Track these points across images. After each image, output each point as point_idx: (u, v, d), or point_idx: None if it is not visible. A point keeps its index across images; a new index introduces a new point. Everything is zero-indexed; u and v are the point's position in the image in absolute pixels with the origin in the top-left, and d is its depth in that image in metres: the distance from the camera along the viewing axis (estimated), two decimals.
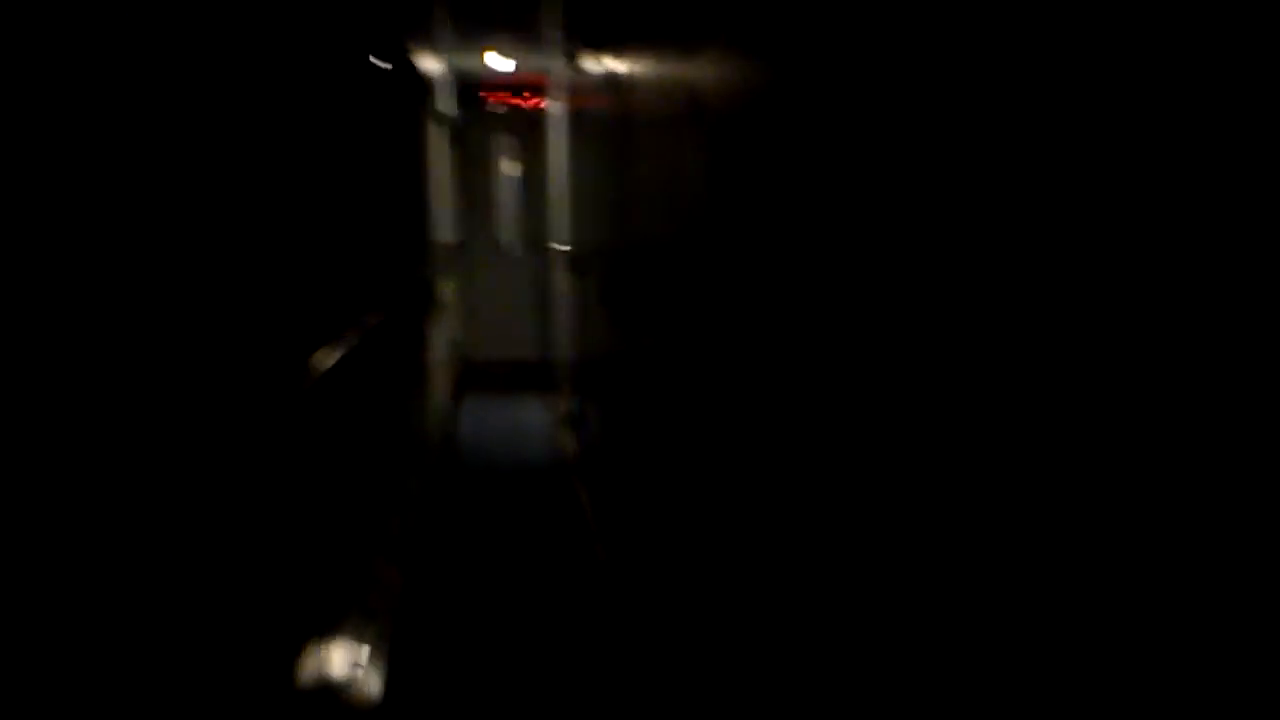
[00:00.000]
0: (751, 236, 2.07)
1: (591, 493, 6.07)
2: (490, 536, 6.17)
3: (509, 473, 7.62)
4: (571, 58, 6.18)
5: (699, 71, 2.60)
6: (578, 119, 6.87)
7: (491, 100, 11.06)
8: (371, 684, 3.99)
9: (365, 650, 3.97)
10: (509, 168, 11.50)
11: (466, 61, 8.96)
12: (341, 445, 3.57)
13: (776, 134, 1.89)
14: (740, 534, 2.27)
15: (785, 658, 1.94)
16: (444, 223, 9.08)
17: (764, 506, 2.07)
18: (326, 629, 3.26)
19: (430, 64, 7.72)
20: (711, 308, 2.47)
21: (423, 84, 7.19)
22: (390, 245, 5.17)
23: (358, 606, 3.90)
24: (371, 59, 4.57)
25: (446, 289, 8.83)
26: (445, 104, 9.38)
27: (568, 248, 7.97)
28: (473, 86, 10.58)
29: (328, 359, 3.19)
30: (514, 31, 7.30)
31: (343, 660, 3.52)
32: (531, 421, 9.39)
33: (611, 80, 4.67)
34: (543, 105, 10.59)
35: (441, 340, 8.54)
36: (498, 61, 8.75)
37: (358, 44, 4.29)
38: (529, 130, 11.10)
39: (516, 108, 10.98)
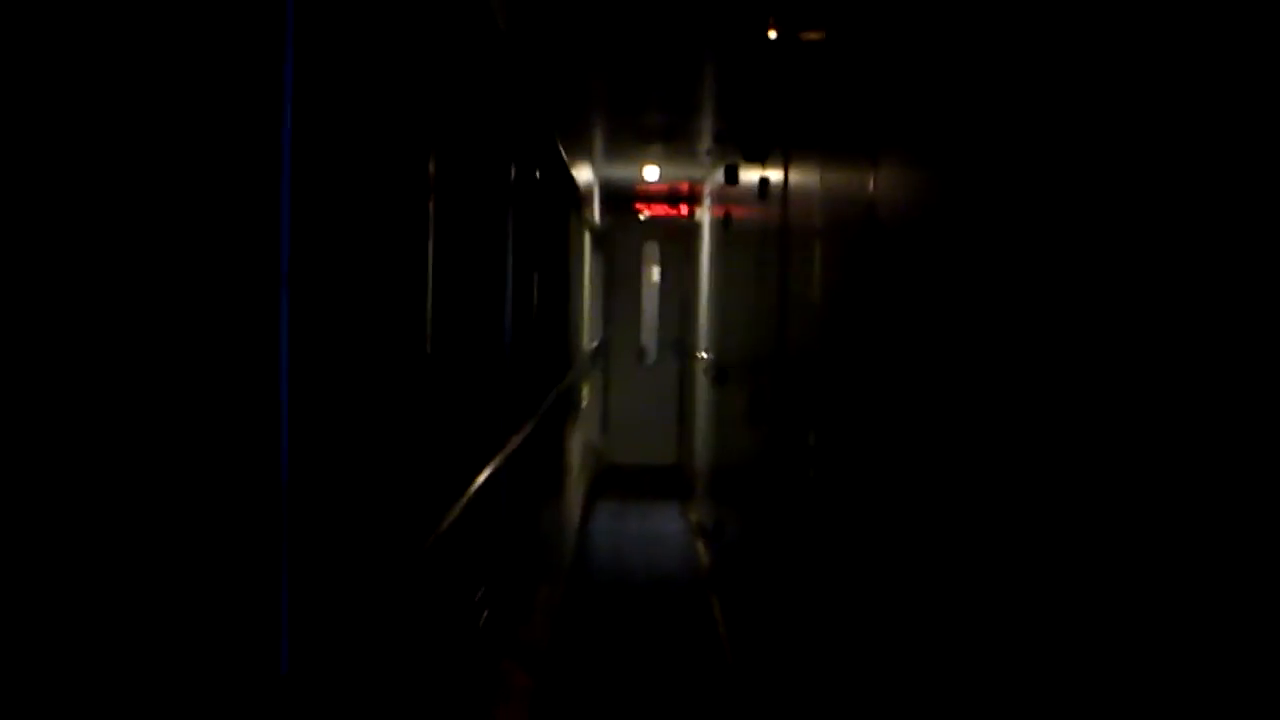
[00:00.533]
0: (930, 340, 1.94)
1: (723, 602, 5.89)
2: (623, 644, 6.02)
3: (642, 585, 7.47)
4: (725, 168, 6.17)
5: (872, 181, 2.50)
6: (727, 229, 6.84)
7: (640, 208, 11.19)
8: None
9: None
10: (654, 275, 11.57)
11: (617, 171, 9.07)
12: (482, 563, 3.50)
13: (957, 245, 1.76)
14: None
15: None
16: (588, 328, 9.13)
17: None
18: None
19: (583, 173, 7.84)
20: (866, 426, 2.33)
21: (576, 192, 7.29)
22: (542, 353, 5.17)
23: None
24: (535, 173, 4.61)
25: (586, 392, 8.84)
26: (595, 212, 9.51)
27: (708, 355, 7.90)
28: (623, 195, 10.71)
29: (480, 477, 3.15)
30: (667, 141, 7.35)
31: None
32: (666, 530, 9.23)
33: (768, 190, 4.61)
34: (690, 213, 10.65)
35: (579, 444, 8.51)
36: (648, 171, 8.83)
37: (520, 159, 4.33)
38: (676, 239, 11.17)
39: (664, 215, 11.07)
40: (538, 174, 4.89)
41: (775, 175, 4.40)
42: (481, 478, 3.16)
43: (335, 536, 1.83)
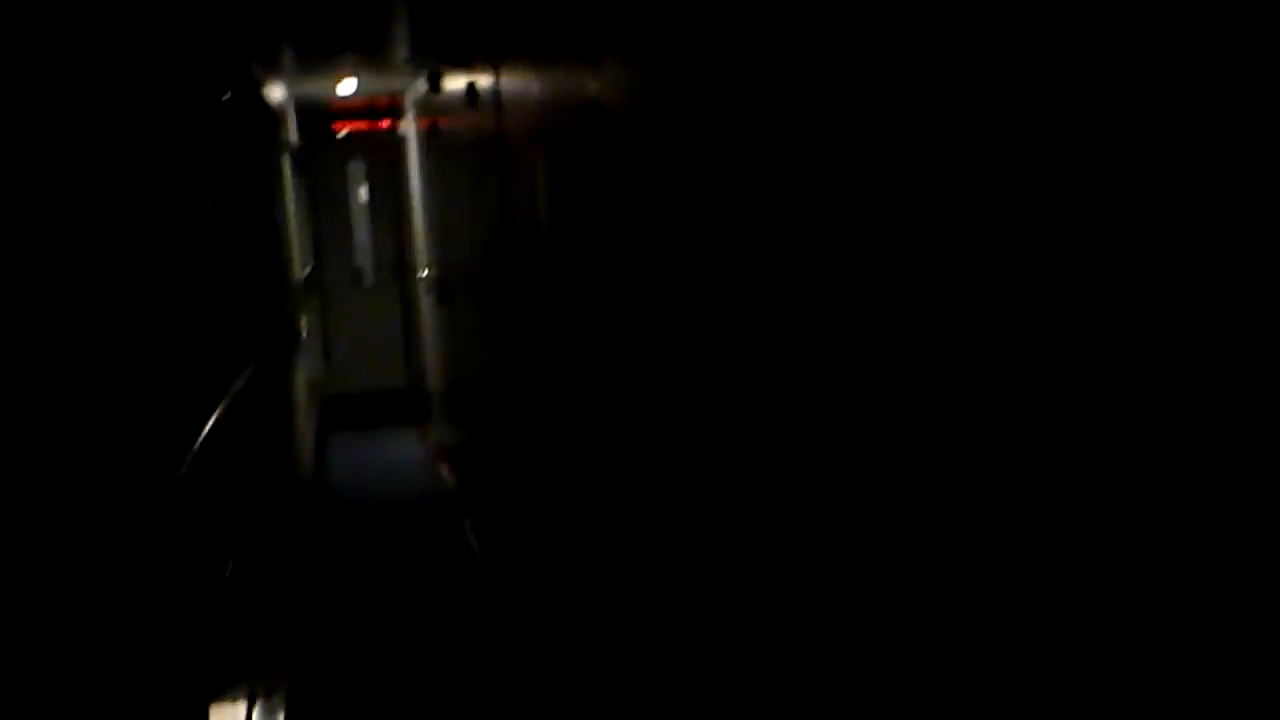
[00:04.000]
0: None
1: (471, 516, 5.87)
2: (378, 567, 5.91)
3: (391, 510, 7.34)
4: (429, 76, 5.95)
5: (595, 81, 2.45)
6: (435, 139, 6.64)
7: (340, 126, 10.69)
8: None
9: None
10: (362, 194, 11.15)
11: (312, 88, 8.59)
12: (221, 511, 3.30)
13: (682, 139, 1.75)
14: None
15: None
16: (298, 255, 8.71)
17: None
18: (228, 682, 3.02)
19: (277, 92, 7.38)
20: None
21: (273, 116, 6.86)
22: (253, 288, 4.87)
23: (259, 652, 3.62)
24: (225, 93, 4.27)
25: (305, 322, 8.46)
26: (292, 133, 9.01)
27: (431, 273, 7.71)
28: (319, 112, 10.18)
29: (201, 427, 2.94)
30: (362, 53, 6.99)
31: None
32: (407, 455, 9.07)
33: (477, 96, 4.47)
34: (394, 127, 10.27)
35: (304, 377, 8.17)
36: (347, 86, 8.41)
37: (210, 77, 4.00)
38: (382, 155, 10.77)
39: (367, 130, 10.62)
40: (232, 99, 4.54)
41: (485, 82, 4.27)
42: (207, 426, 2.96)
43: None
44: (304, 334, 8.32)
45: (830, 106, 1.34)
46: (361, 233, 11.19)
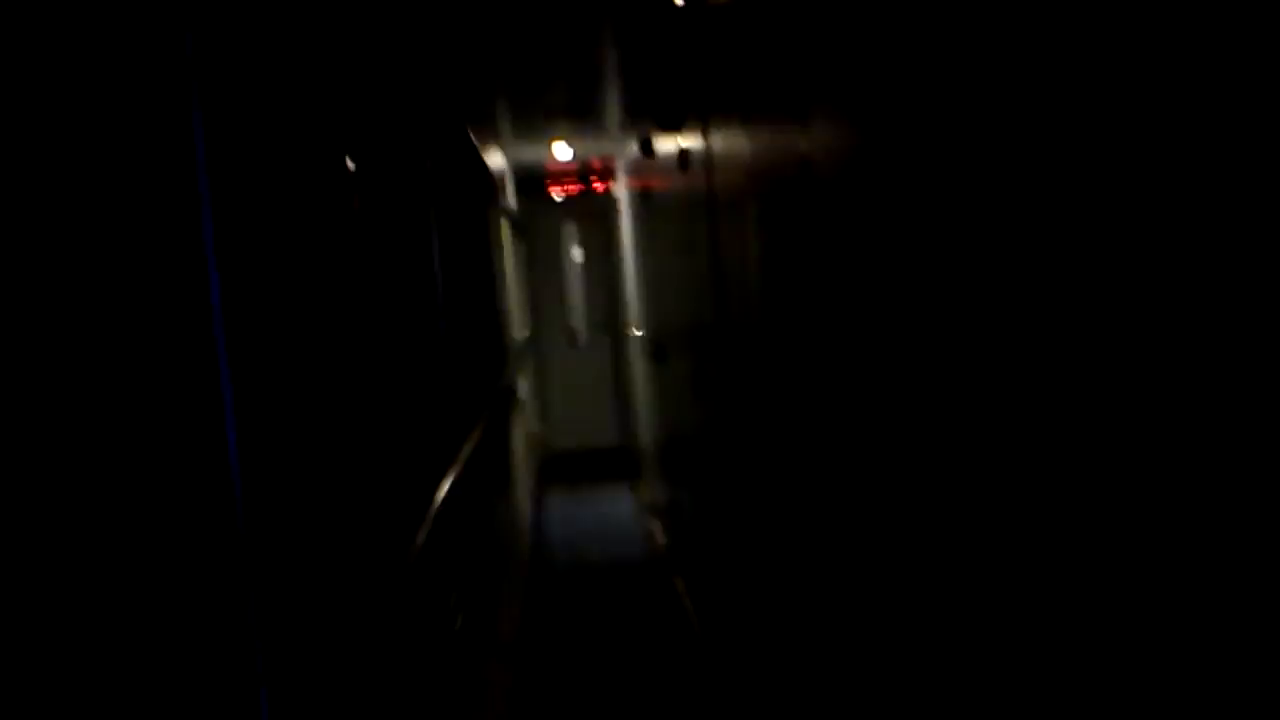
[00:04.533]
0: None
1: (685, 575, 5.83)
2: (590, 628, 5.95)
3: (602, 568, 7.39)
4: (640, 141, 6.05)
5: (805, 138, 2.41)
6: (647, 202, 6.74)
7: (555, 189, 11.02)
8: None
9: None
10: (576, 255, 11.44)
11: (528, 153, 8.90)
12: (450, 573, 3.38)
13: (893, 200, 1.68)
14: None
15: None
16: (517, 317, 8.98)
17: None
18: None
19: (495, 158, 7.67)
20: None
21: (492, 182, 7.13)
22: (478, 352, 5.03)
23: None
24: (451, 168, 4.46)
25: (523, 382, 8.71)
26: (510, 198, 9.34)
27: (642, 332, 7.80)
28: (535, 176, 10.53)
29: (439, 493, 3.04)
30: (576, 119, 7.21)
31: None
32: (619, 512, 9.14)
33: (689, 159, 4.51)
34: (607, 190, 10.50)
35: (523, 436, 8.39)
36: (561, 150, 8.67)
37: (434, 147, 4.18)
38: (594, 217, 11.04)
39: (582, 194, 10.91)
40: (453, 168, 4.74)
41: (694, 143, 4.30)
42: (443, 490, 3.05)
43: (305, 573, 1.70)
44: (522, 394, 8.56)
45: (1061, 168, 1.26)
46: (575, 293, 11.47)
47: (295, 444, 1.73)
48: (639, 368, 8.39)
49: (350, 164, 2.36)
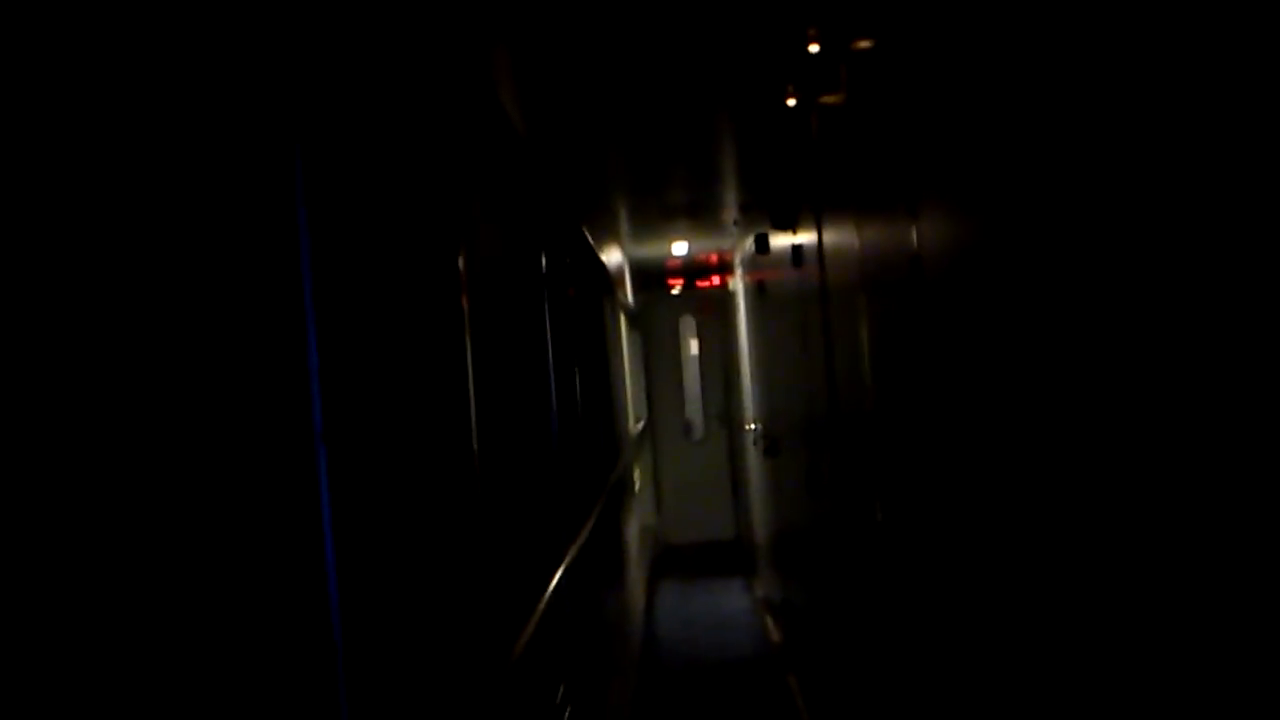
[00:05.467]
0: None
1: (799, 676, 5.71)
2: None
3: (714, 666, 7.29)
4: (756, 237, 6.13)
5: (915, 233, 2.43)
6: (762, 296, 6.79)
7: (672, 283, 11.17)
8: None
9: None
10: (692, 349, 11.53)
11: (646, 249, 9.07)
12: (561, 660, 3.41)
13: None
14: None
15: None
16: (633, 409, 9.07)
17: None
18: None
19: (614, 255, 7.84)
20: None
21: (608, 278, 7.28)
22: (592, 444, 5.10)
23: None
24: (565, 265, 4.58)
25: (637, 475, 8.74)
26: (627, 293, 9.50)
27: (756, 426, 7.79)
28: (652, 272, 10.70)
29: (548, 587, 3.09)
30: (693, 216, 7.34)
31: None
32: (732, 607, 9.04)
33: (802, 256, 4.55)
34: (723, 284, 10.61)
35: (636, 529, 8.40)
36: (676, 247, 8.82)
37: (550, 254, 4.30)
38: (710, 310, 11.14)
39: (696, 289, 11.04)
40: (568, 265, 4.87)
41: (808, 239, 4.35)
42: (551, 586, 3.09)
43: (402, 681, 1.74)
44: (637, 486, 8.59)
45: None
46: (691, 387, 11.53)
47: (396, 561, 1.77)
48: (753, 460, 8.37)
49: (461, 264, 2.46)
